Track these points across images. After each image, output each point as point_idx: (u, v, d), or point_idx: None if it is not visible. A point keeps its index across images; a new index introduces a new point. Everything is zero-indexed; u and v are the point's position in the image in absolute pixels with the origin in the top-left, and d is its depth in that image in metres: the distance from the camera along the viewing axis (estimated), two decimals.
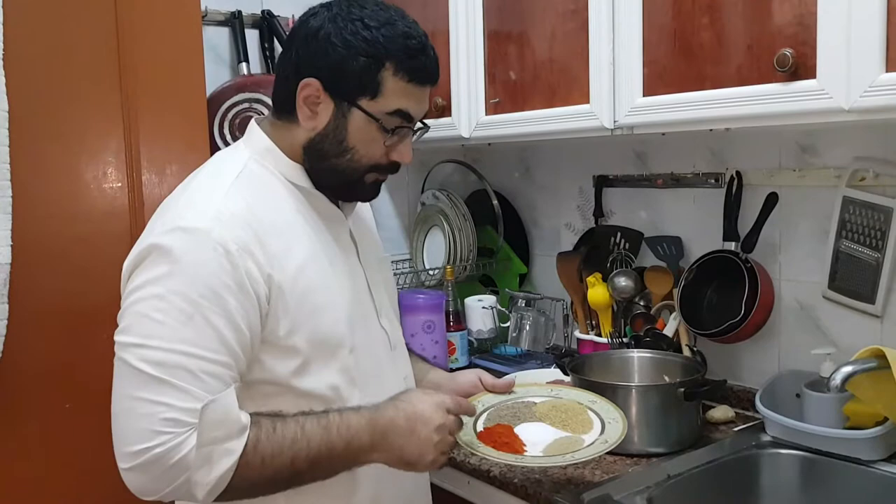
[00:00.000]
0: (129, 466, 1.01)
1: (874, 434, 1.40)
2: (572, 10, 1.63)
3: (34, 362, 1.49)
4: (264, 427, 1.05)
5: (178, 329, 1.01)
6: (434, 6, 1.95)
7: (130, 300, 1.05)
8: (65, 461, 1.53)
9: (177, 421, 0.99)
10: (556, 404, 1.35)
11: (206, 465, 1.00)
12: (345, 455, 1.09)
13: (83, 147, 1.55)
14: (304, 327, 1.11)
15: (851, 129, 1.57)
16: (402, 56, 1.13)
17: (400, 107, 1.15)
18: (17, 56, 1.43)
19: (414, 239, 2.43)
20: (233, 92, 1.98)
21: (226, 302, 1.03)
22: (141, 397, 1.00)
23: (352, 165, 1.17)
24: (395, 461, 1.12)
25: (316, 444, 1.06)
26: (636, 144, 1.99)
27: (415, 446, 1.11)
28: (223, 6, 2.08)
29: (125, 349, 1.03)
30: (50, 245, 1.51)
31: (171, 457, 0.99)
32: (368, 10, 1.14)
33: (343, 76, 1.13)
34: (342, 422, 1.09)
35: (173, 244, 1.03)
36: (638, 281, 1.93)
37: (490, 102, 1.86)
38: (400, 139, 1.18)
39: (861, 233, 1.57)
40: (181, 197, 1.12)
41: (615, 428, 1.28)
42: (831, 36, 1.22)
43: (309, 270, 1.12)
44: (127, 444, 1.01)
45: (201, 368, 1.01)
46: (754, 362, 1.79)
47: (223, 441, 1.01)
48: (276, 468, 1.05)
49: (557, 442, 1.26)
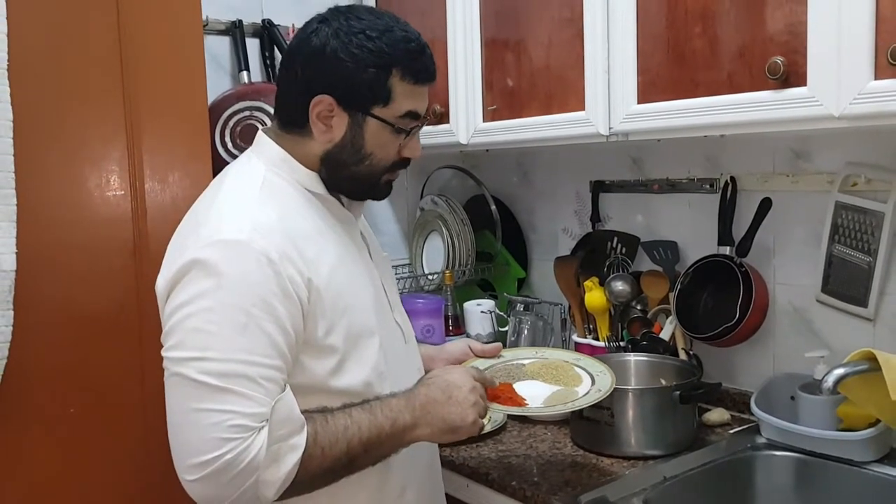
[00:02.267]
0: (197, 477, 1.03)
1: (867, 435, 1.42)
2: (568, 19, 1.65)
3: (39, 368, 1.50)
4: (318, 420, 1.10)
5: (234, 339, 1.04)
6: (432, 15, 1.98)
7: (179, 316, 1.07)
8: (69, 466, 1.54)
9: (243, 427, 1.03)
10: (545, 363, 1.43)
11: (275, 464, 1.04)
12: (392, 435, 1.14)
13: (86, 155, 1.57)
14: (340, 326, 1.15)
15: (843, 135, 1.59)
16: (407, 60, 1.17)
17: (410, 108, 1.20)
18: (21, 65, 1.44)
19: (413, 244, 2.45)
20: (234, 100, 1.99)
21: (275, 309, 1.07)
22: (206, 408, 1.03)
23: (371, 170, 1.22)
24: (440, 432, 1.17)
25: (366, 428, 1.11)
26: (632, 150, 2.01)
27: (456, 411, 1.17)
28: (224, 15, 2.10)
29: (182, 364, 1.05)
30: (54, 252, 1.52)
31: (240, 461, 1.02)
32: (366, 20, 1.18)
33: (355, 89, 1.17)
34: (384, 405, 1.15)
35: (216, 258, 1.06)
36: (634, 285, 1.95)
37: (488, 109, 1.88)
38: (409, 136, 1.23)
39: (853, 237, 1.59)
40: (210, 211, 1.14)
41: (605, 379, 1.37)
42: (821, 44, 1.24)
43: (338, 272, 1.17)
44: (194, 456, 1.03)
45: (260, 374, 1.05)
46: (749, 365, 1.81)
47: (288, 438, 1.06)
48: (335, 457, 1.09)
49: (554, 395, 1.34)
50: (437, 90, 1.98)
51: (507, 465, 1.55)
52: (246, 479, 1.03)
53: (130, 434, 1.60)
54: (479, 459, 1.58)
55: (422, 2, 2.02)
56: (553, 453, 1.60)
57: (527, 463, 1.55)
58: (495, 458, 1.58)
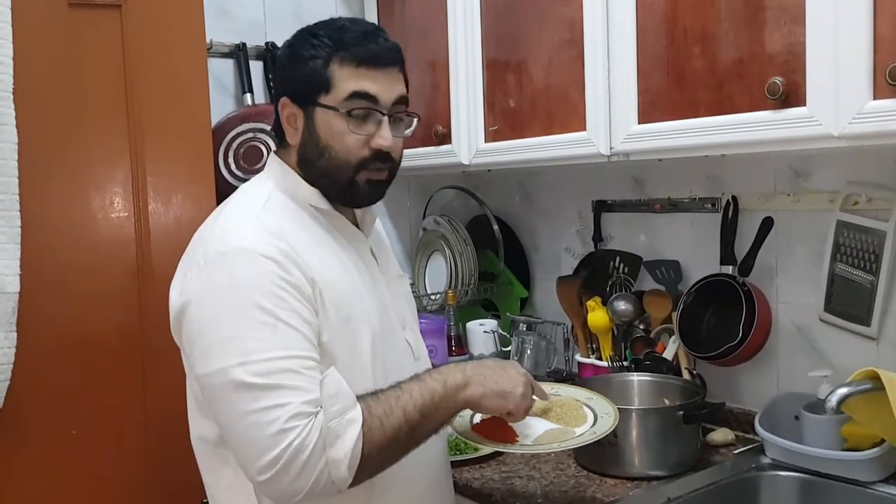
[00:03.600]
0: (269, 476, 1.04)
1: (872, 455, 1.41)
2: (568, 40, 1.67)
3: (42, 389, 1.51)
4: (368, 397, 1.12)
5: (269, 338, 1.07)
6: (434, 37, 1.99)
7: (206, 332, 1.10)
8: (71, 487, 1.54)
9: (300, 414, 1.05)
10: (554, 401, 1.39)
11: (338, 440, 1.05)
12: (445, 396, 1.15)
13: (90, 177, 1.58)
14: (339, 334, 1.16)
15: (844, 154, 1.60)
16: (346, 46, 1.20)
17: (354, 89, 1.20)
18: (27, 88, 1.46)
19: (416, 264, 2.45)
20: (237, 122, 2.01)
21: (292, 304, 1.10)
22: (260, 407, 1.05)
23: (336, 164, 1.22)
24: (492, 394, 1.18)
25: (418, 393, 1.13)
26: (634, 170, 2.02)
27: (507, 378, 1.20)
28: (228, 38, 2.13)
29: (225, 373, 1.07)
30: (57, 274, 1.53)
31: (306, 445, 1.04)
32: (319, 25, 1.25)
33: (300, 83, 1.22)
34: (431, 372, 1.18)
35: (227, 266, 1.10)
36: (637, 305, 1.94)
37: (489, 130, 1.89)
38: (377, 126, 1.22)
39: (855, 256, 1.59)
40: (215, 229, 1.18)
41: (606, 421, 1.33)
42: (820, 64, 1.25)
43: (341, 284, 1.19)
44: (261, 456, 1.04)
45: (302, 365, 1.08)
46: (753, 385, 1.80)
47: (343, 413, 1.07)
48: (395, 426, 1.10)
49: (548, 433, 1.31)
50: (439, 111, 2.00)
51: (511, 486, 1.54)
52: (316, 463, 1.04)
53: (132, 456, 1.60)
54: (482, 480, 1.57)
55: (423, 23, 2.04)
56: (557, 474, 1.59)
57: (530, 484, 1.54)
58: (498, 479, 1.57)
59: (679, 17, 1.46)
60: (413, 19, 2.10)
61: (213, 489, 1.24)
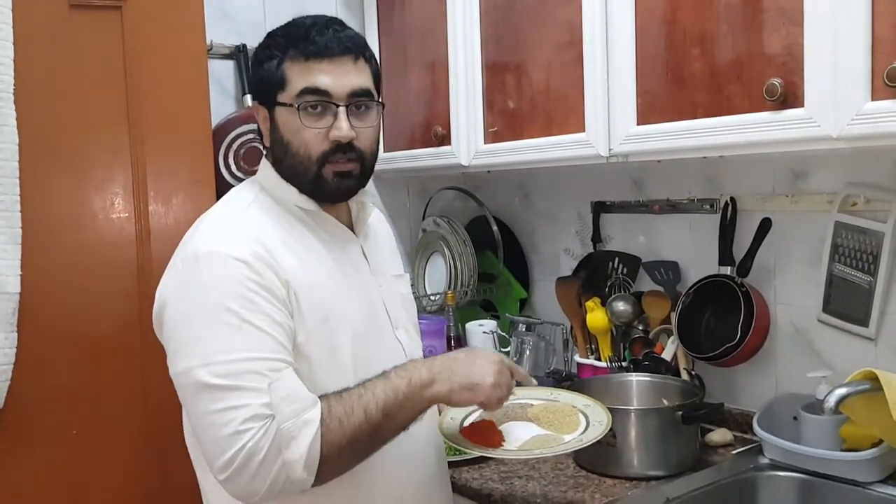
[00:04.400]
0: (227, 475, 1.06)
1: (870, 456, 1.41)
2: (567, 42, 1.67)
3: (42, 389, 1.51)
4: (331, 395, 1.11)
5: (233, 340, 1.09)
6: (433, 38, 2.00)
7: (177, 333, 1.12)
8: (72, 487, 1.54)
9: (257, 416, 1.06)
10: (550, 407, 1.38)
11: (293, 441, 1.06)
12: (409, 394, 1.13)
13: (91, 178, 1.59)
14: (315, 334, 1.17)
15: (842, 156, 1.60)
16: (295, 42, 1.22)
17: (306, 85, 1.20)
18: (27, 89, 1.46)
19: (415, 265, 2.45)
20: (238, 123, 2.01)
21: (262, 306, 1.11)
22: (218, 408, 1.06)
23: (298, 159, 1.22)
24: (459, 387, 1.16)
25: (381, 391, 1.12)
26: (633, 171, 2.02)
27: (476, 370, 1.17)
28: (228, 40, 2.13)
29: (190, 374, 1.09)
30: (58, 274, 1.53)
31: (261, 447, 1.05)
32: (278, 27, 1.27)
33: (261, 85, 1.25)
34: (400, 368, 1.16)
35: (199, 269, 1.12)
36: (636, 305, 1.95)
37: (489, 131, 1.90)
38: (333, 118, 1.21)
39: (853, 257, 1.60)
40: (196, 230, 1.21)
41: (596, 429, 1.30)
42: (819, 66, 1.25)
43: (321, 285, 1.19)
44: (220, 454, 1.06)
45: (265, 367, 1.08)
46: (752, 385, 1.81)
47: (300, 413, 1.07)
48: (355, 426, 1.09)
49: (536, 439, 1.29)
50: (439, 112, 2.00)
51: (510, 486, 1.54)
52: (271, 465, 1.05)
53: (133, 456, 1.60)
54: (481, 480, 1.57)
55: (423, 25, 2.05)
56: (556, 474, 1.59)
57: (529, 484, 1.55)
58: (498, 480, 1.58)
59: (678, 18, 1.46)
60: (413, 21, 2.10)
61: (205, 485, 1.25)
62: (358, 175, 1.25)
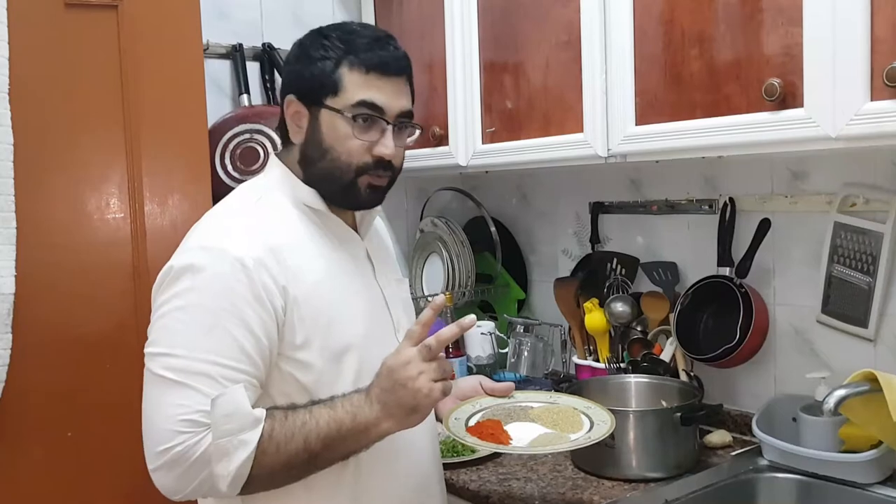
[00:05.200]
0: (155, 466, 1.08)
1: (869, 457, 1.40)
2: (565, 42, 1.66)
3: (37, 391, 1.50)
4: (277, 417, 1.10)
5: (200, 339, 1.08)
6: (431, 38, 1.99)
7: (157, 315, 1.13)
8: (67, 489, 1.53)
9: (195, 422, 1.06)
10: (552, 409, 1.38)
11: (225, 458, 1.06)
12: (353, 430, 1.11)
13: (86, 178, 1.58)
14: (318, 338, 1.16)
15: (841, 156, 1.60)
16: (356, 51, 1.21)
17: (363, 97, 1.20)
18: (23, 88, 1.46)
19: (413, 266, 2.45)
20: (234, 123, 2.01)
21: (243, 313, 1.10)
22: (164, 401, 1.07)
23: (336, 166, 1.22)
24: (405, 417, 1.12)
25: (325, 423, 1.11)
26: (631, 171, 2.02)
27: (403, 393, 1.11)
28: (225, 39, 2.12)
29: (152, 359, 1.10)
30: (53, 275, 1.53)
31: (191, 454, 1.05)
32: (331, 28, 1.25)
33: (308, 83, 1.22)
34: (346, 399, 1.13)
35: (194, 261, 1.11)
36: (634, 306, 1.94)
37: (486, 131, 1.89)
38: (380, 134, 1.22)
39: (853, 257, 1.59)
40: (201, 223, 1.21)
41: (602, 428, 1.31)
42: (817, 66, 1.25)
43: (324, 287, 1.19)
44: (153, 445, 1.07)
45: (222, 375, 1.08)
46: (750, 386, 1.80)
47: (237, 433, 1.06)
48: (291, 452, 1.09)
49: (543, 437, 1.29)
50: (436, 113, 2.00)
51: (508, 487, 1.54)
52: (199, 472, 1.06)
53: (128, 458, 1.58)
54: (479, 482, 1.57)
55: (421, 25, 2.04)
56: (554, 476, 1.59)
57: (528, 486, 1.54)
58: (496, 481, 1.57)
59: (676, 18, 1.46)
60: (410, 21, 2.09)
61: None
62: (385, 188, 1.27)
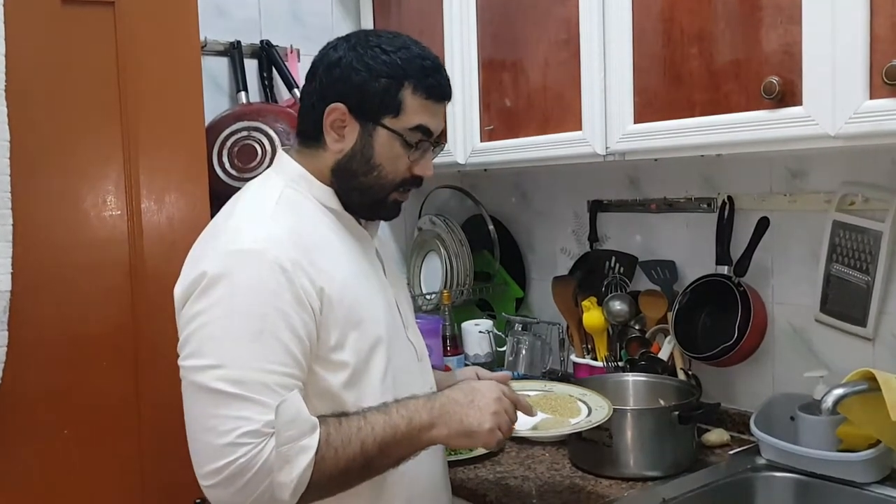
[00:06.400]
0: (213, 483, 1.05)
1: (867, 456, 1.40)
2: (564, 40, 1.66)
3: (33, 389, 1.49)
4: (331, 422, 1.10)
5: (250, 347, 1.07)
6: (429, 35, 1.99)
7: (195, 325, 1.09)
8: (63, 487, 1.53)
9: (256, 432, 1.04)
10: (549, 396, 1.42)
11: (287, 465, 1.05)
12: (408, 434, 1.13)
13: (83, 175, 1.57)
14: (351, 338, 1.16)
15: (840, 155, 1.60)
16: (420, 75, 1.21)
17: (420, 122, 1.22)
18: (19, 86, 1.45)
19: (411, 264, 2.45)
20: (232, 120, 2.00)
21: (289, 316, 1.09)
22: (221, 415, 1.05)
23: (379, 182, 1.24)
24: (456, 434, 1.15)
25: (380, 427, 1.11)
26: (630, 170, 2.01)
27: (474, 415, 1.15)
28: (223, 36, 2.12)
29: (198, 372, 1.07)
30: (50, 272, 1.52)
31: (253, 465, 1.04)
32: (384, 38, 1.23)
33: (367, 97, 1.20)
34: (401, 405, 1.15)
35: (231, 267, 1.09)
36: (633, 305, 1.94)
37: (485, 129, 1.89)
38: (421, 154, 1.25)
39: (851, 256, 1.59)
40: (227, 223, 1.18)
41: (601, 413, 1.36)
42: (817, 64, 1.25)
43: (351, 285, 1.19)
44: (210, 462, 1.05)
45: (276, 382, 1.07)
46: (749, 385, 1.80)
47: (298, 439, 1.06)
48: (349, 457, 1.09)
49: (545, 422, 1.33)
50: None
51: (505, 486, 1.53)
52: (260, 482, 1.04)
53: (125, 456, 1.59)
54: (476, 481, 1.56)
55: (419, 23, 2.04)
56: (551, 475, 1.58)
57: (525, 484, 1.54)
58: (493, 480, 1.57)
59: (675, 16, 1.45)
60: (409, 19, 2.09)
61: None
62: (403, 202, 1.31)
